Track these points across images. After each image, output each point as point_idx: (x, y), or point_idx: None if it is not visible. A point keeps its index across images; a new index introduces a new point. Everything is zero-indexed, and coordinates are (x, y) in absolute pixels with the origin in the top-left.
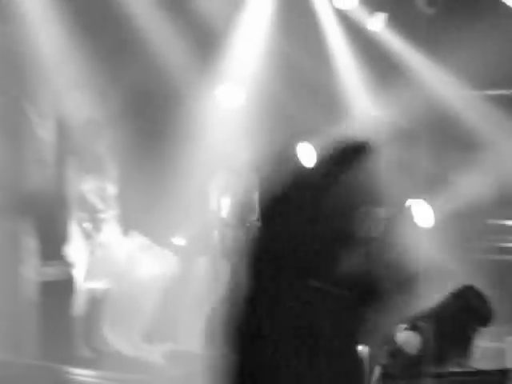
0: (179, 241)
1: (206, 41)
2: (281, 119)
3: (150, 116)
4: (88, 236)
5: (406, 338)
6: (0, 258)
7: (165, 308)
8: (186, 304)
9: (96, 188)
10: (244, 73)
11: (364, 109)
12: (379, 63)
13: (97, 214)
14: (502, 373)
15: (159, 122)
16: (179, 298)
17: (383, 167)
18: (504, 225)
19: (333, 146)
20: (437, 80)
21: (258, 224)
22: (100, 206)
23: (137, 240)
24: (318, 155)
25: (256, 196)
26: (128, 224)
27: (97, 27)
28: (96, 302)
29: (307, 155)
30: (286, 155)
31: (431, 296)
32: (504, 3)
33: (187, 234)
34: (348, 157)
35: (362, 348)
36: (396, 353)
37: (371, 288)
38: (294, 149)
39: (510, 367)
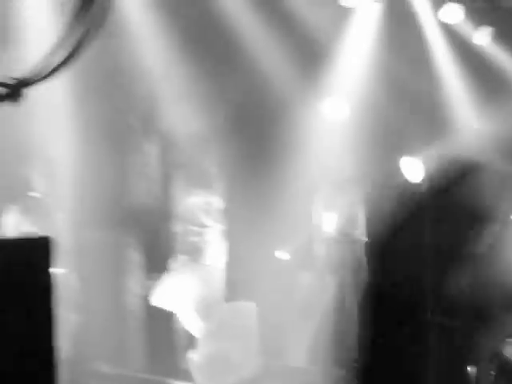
0: (283, 255)
1: (311, 54)
2: (385, 133)
3: (255, 130)
4: (194, 250)
5: None
6: (105, 270)
7: (270, 322)
8: (291, 318)
9: (203, 202)
10: (349, 86)
11: (467, 122)
12: (484, 77)
13: (203, 229)
14: None
15: (264, 136)
16: (284, 313)
17: (488, 182)
18: None
19: (445, 163)
20: None
21: (364, 239)
22: (206, 220)
23: None
24: (430, 171)
25: (361, 210)
26: (233, 238)
27: (203, 41)
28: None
29: (411, 169)
30: (391, 169)
31: None
32: None
33: (291, 248)
34: (462, 175)
35: (470, 369)
36: (505, 367)
37: (482, 314)
38: (398, 163)
39: None
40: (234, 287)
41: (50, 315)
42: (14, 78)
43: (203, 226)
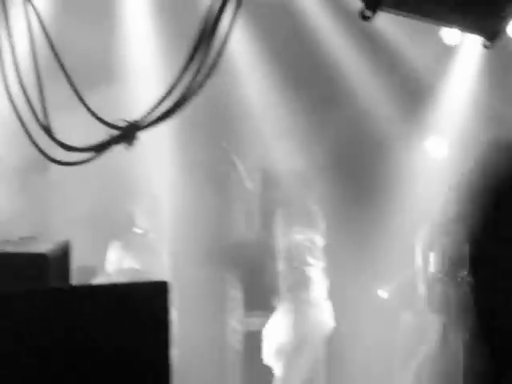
0: (384, 294)
1: (413, 92)
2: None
3: (356, 167)
4: (297, 288)
5: None
6: (207, 307)
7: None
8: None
9: (305, 240)
10: (450, 124)
11: None
12: None
13: (306, 267)
14: None
15: (366, 174)
16: (387, 351)
17: None
18: None
19: None
20: None
21: (470, 280)
22: (309, 258)
23: None
24: None
25: (465, 250)
26: (335, 276)
27: (305, 79)
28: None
29: None
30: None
31: None
32: None
33: (393, 287)
34: None
35: None
36: None
37: None
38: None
39: None
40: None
41: (168, 365)
42: (126, 121)
43: (306, 263)
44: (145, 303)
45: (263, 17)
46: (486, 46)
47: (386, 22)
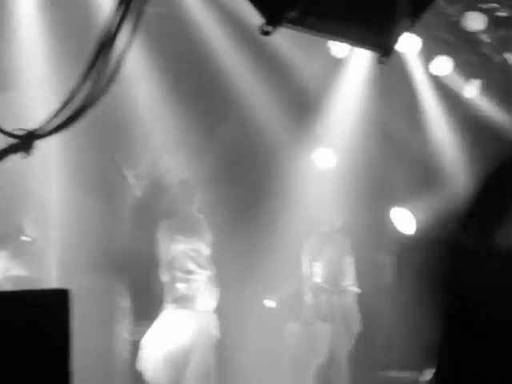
0: (271, 303)
1: (302, 104)
2: (373, 183)
3: (244, 178)
4: (182, 298)
5: None
6: (94, 317)
7: (258, 370)
8: (281, 367)
9: (189, 249)
10: (338, 136)
11: (456, 174)
12: (473, 129)
13: (190, 276)
14: None
15: (254, 184)
16: (273, 360)
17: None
18: None
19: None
20: None
21: (353, 289)
22: (192, 267)
23: None
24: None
25: (349, 260)
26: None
27: (195, 91)
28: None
29: (402, 220)
30: (380, 220)
31: None
32: None
33: (279, 298)
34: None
35: None
36: None
37: None
38: (387, 213)
39: None
40: (224, 335)
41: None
42: (24, 129)
43: (191, 273)
44: (44, 311)
45: (156, 29)
46: (381, 62)
47: (275, 34)
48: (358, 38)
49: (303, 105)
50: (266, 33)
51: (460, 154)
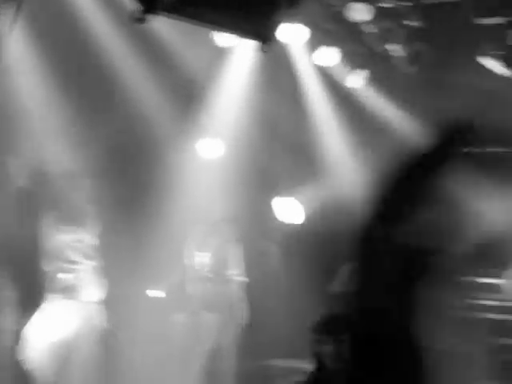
0: (157, 293)
1: (188, 94)
2: (259, 173)
3: (129, 167)
4: (65, 288)
5: None
6: None
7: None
8: (169, 359)
9: (73, 240)
10: (224, 126)
11: (341, 163)
12: (359, 120)
13: (73, 266)
14: None
15: (140, 175)
16: (160, 350)
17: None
18: (475, 282)
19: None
20: (414, 137)
21: (239, 279)
22: (77, 257)
23: None
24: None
25: (234, 250)
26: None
27: (79, 78)
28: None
29: (286, 209)
30: (265, 209)
31: None
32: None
33: (165, 288)
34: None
35: None
36: None
37: None
38: (272, 203)
39: None
40: (109, 326)
41: None
42: None
43: (75, 263)
44: None
45: (38, 16)
46: (263, 50)
47: (159, 23)
48: (236, 27)
49: (189, 95)
50: (140, 20)
51: (345, 143)
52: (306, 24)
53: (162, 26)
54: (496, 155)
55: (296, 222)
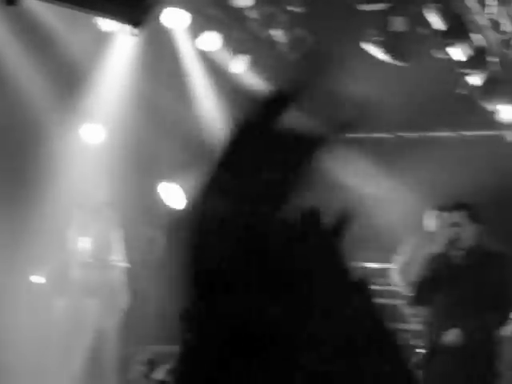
0: (38, 279)
1: (70, 78)
2: (143, 158)
3: (10, 153)
4: None
5: None
6: None
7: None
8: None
9: None
10: (107, 111)
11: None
12: (241, 105)
13: None
14: None
15: (22, 159)
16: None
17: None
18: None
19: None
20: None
21: (121, 264)
22: None
23: None
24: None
25: (116, 235)
26: None
27: None
28: None
29: (170, 194)
30: (149, 194)
31: None
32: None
33: (46, 273)
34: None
35: None
36: None
37: None
38: (156, 188)
39: None
40: None
41: None
42: None
43: None
44: None
45: None
46: (134, 34)
47: (39, 6)
48: (106, 11)
49: (71, 80)
50: (11, 2)
51: (228, 128)
52: (188, 9)
53: (44, 10)
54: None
55: (179, 207)
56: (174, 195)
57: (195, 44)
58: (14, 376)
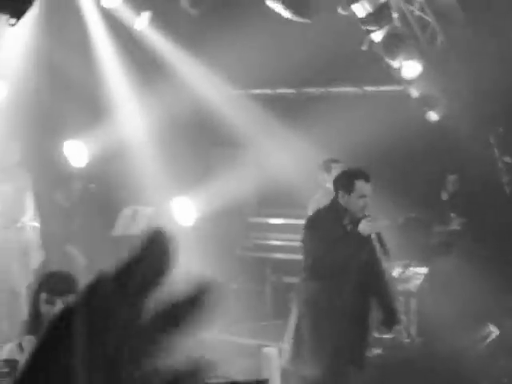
0: None
1: None
2: (47, 117)
3: None
4: None
5: None
6: None
7: None
8: None
9: None
10: (7, 69)
11: (126, 104)
12: (144, 62)
13: None
14: (259, 383)
15: None
16: None
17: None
18: (265, 223)
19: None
20: (201, 79)
21: (33, 224)
22: None
23: None
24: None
25: (28, 196)
26: None
27: None
28: None
29: (75, 153)
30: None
31: None
32: (268, 7)
33: None
34: None
35: None
36: None
37: None
38: (61, 147)
39: (264, 378)
40: None
41: None
42: None
43: None
44: None
45: None
46: (11, 24)
47: None
48: None
49: None
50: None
51: (129, 86)
52: None
53: None
54: (282, 95)
55: (81, 165)
56: (78, 154)
57: (99, 1)
58: None
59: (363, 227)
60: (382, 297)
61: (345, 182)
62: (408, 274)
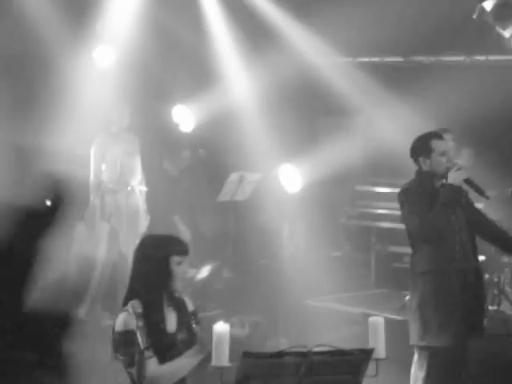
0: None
1: (82, 1)
2: (155, 82)
3: (26, 78)
4: None
5: None
6: None
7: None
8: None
9: None
10: (118, 35)
11: (234, 73)
12: (252, 29)
13: None
14: (364, 352)
15: (36, 84)
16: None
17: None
18: (371, 191)
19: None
20: (309, 47)
21: (142, 188)
22: None
23: None
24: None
25: (137, 160)
26: None
27: None
28: None
29: (182, 117)
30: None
31: None
32: None
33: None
34: None
35: None
36: None
37: None
38: (169, 112)
39: (370, 347)
40: None
41: None
42: None
43: None
44: None
45: None
46: None
47: None
48: None
49: (83, 2)
50: None
51: (239, 55)
52: None
53: None
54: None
55: (188, 130)
56: (186, 119)
57: None
58: None
59: (453, 176)
60: (492, 228)
61: (421, 147)
62: None
